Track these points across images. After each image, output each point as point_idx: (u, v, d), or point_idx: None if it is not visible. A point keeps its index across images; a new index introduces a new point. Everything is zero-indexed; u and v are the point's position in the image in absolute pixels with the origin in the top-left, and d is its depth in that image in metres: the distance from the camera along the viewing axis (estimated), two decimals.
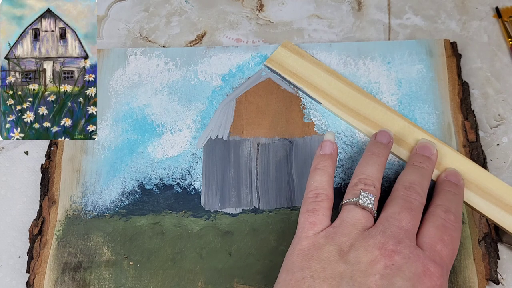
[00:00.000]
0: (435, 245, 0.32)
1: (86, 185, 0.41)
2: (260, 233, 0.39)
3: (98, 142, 0.42)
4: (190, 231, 0.39)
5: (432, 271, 0.31)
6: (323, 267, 0.31)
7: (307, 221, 0.34)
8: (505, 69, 0.46)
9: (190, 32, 0.48)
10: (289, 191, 0.40)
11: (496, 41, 0.47)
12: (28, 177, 0.42)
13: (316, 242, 0.32)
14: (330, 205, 0.35)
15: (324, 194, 0.35)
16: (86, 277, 0.38)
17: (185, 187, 0.41)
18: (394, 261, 0.30)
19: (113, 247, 0.39)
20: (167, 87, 0.45)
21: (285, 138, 0.42)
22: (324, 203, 0.34)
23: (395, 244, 0.31)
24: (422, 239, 0.33)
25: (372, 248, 0.31)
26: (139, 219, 0.40)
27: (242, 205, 0.40)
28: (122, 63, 0.45)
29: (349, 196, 0.35)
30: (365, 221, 0.33)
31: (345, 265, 0.31)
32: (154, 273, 0.38)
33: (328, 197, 0.35)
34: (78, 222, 0.39)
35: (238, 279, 0.38)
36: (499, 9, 0.48)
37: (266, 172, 0.41)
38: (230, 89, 0.44)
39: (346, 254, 0.31)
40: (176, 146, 0.42)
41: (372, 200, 0.34)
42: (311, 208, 0.34)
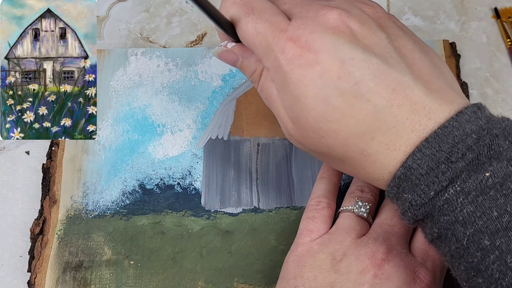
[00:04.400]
0: (427, 250, 0.32)
1: (87, 185, 0.41)
2: (260, 232, 0.39)
3: (99, 142, 0.43)
4: (191, 231, 0.39)
5: (422, 278, 0.31)
6: (315, 276, 0.31)
7: (306, 228, 0.34)
8: (504, 70, 0.46)
9: (190, 33, 0.49)
10: (289, 191, 0.41)
11: (495, 41, 0.47)
12: (29, 177, 0.42)
13: (310, 249, 0.33)
14: (330, 214, 0.35)
15: (326, 202, 0.35)
16: (87, 276, 0.38)
17: (185, 187, 0.41)
18: (383, 270, 0.31)
19: (114, 247, 0.39)
20: (168, 87, 0.45)
21: (285, 138, 0.42)
22: (325, 211, 0.35)
23: (385, 252, 0.31)
24: (414, 244, 0.33)
25: (363, 257, 0.31)
26: (139, 219, 0.40)
27: (242, 205, 0.40)
28: (122, 63, 0.46)
29: (345, 203, 0.35)
30: (360, 228, 0.33)
31: (336, 275, 0.31)
32: (155, 273, 0.38)
33: (330, 205, 0.35)
34: (79, 221, 0.40)
35: (238, 278, 0.38)
36: (498, 10, 0.48)
37: (266, 172, 0.41)
38: (230, 89, 0.45)
39: (338, 263, 0.31)
40: (177, 146, 0.42)
41: (368, 208, 0.34)
42: (311, 215, 0.34)
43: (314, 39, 0.27)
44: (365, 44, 0.27)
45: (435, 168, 0.25)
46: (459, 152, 0.25)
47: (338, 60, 0.26)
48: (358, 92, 0.26)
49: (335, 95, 0.26)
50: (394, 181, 0.27)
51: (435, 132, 0.26)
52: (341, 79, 0.26)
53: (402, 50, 0.28)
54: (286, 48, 0.27)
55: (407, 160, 0.26)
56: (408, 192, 0.26)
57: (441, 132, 0.25)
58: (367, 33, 0.27)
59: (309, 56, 0.26)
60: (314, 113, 0.27)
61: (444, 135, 0.25)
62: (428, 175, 0.25)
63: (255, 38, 0.28)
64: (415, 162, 0.26)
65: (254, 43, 0.28)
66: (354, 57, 0.26)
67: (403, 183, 0.26)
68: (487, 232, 0.24)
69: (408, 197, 0.26)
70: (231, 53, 0.31)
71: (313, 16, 0.28)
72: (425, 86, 0.27)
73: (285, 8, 0.29)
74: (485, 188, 0.24)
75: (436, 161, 0.25)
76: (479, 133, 0.25)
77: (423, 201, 0.26)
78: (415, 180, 0.26)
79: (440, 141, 0.25)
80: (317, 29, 0.27)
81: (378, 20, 0.29)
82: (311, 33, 0.27)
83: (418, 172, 0.26)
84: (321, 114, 0.27)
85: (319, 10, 0.28)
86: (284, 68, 0.27)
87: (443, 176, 0.25)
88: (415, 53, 0.28)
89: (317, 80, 0.26)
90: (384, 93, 0.26)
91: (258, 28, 0.28)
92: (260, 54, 0.29)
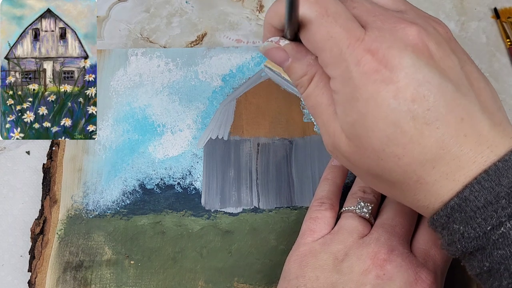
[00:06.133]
0: (428, 250, 0.32)
1: (88, 184, 0.41)
2: (260, 232, 0.39)
3: (99, 142, 0.43)
4: (191, 231, 0.39)
5: (423, 278, 0.31)
6: (317, 276, 0.31)
7: (308, 228, 0.34)
8: (504, 70, 0.46)
9: (190, 33, 0.49)
10: (289, 191, 0.41)
11: (495, 41, 0.47)
12: (30, 177, 0.42)
13: (312, 249, 0.33)
14: (333, 215, 0.35)
15: (329, 203, 0.35)
16: (87, 276, 0.38)
17: (185, 186, 0.41)
18: (385, 270, 0.31)
19: (114, 247, 0.39)
20: (168, 87, 0.45)
21: (285, 138, 0.42)
22: (327, 212, 0.35)
23: (387, 253, 0.31)
24: (416, 244, 0.33)
25: (365, 257, 0.31)
26: (140, 219, 0.40)
27: (242, 205, 0.40)
28: (123, 63, 0.46)
29: (348, 204, 0.35)
30: (362, 229, 0.33)
31: (338, 275, 0.31)
32: (155, 272, 0.38)
33: (333, 206, 0.35)
34: (80, 221, 0.40)
35: (238, 278, 0.38)
36: (497, 10, 0.48)
37: (266, 172, 0.41)
38: (230, 89, 0.45)
39: (340, 263, 0.31)
40: (177, 146, 0.42)
41: (370, 209, 0.34)
42: (314, 216, 0.35)
43: (393, 55, 0.25)
44: (441, 68, 0.25)
45: (494, 203, 0.24)
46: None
47: (415, 81, 0.24)
48: (429, 118, 0.25)
49: (407, 119, 0.25)
50: (446, 210, 0.26)
51: (495, 165, 0.25)
52: (415, 102, 0.24)
53: (470, 78, 0.27)
54: (362, 60, 0.25)
55: (463, 191, 0.25)
56: (459, 223, 0.25)
57: (502, 165, 0.25)
58: (443, 56, 0.26)
59: (386, 72, 0.25)
60: (380, 135, 0.25)
61: (505, 169, 0.25)
62: (486, 208, 0.25)
63: (326, 42, 0.26)
64: (472, 194, 0.25)
65: (324, 47, 0.26)
66: (431, 81, 0.25)
67: (455, 214, 0.25)
68: None
69: (460, 229, 0.25)
70: (281, 51, 0.29)
71: (390, 28, 0.26)
72: (490, 118, 0.26)
73: (356, 13, 0.27)
74: None
75: (495, 195, 0.24)
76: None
77: (477, 234, 0.25)
78: (470, 212, 0.25)
79: (500, 175, 0.25)
80: (396, 45, 0.25)
81: (449, 42, 0.28)
82: (389, 48, 0.25)
83: (474, 205, 0.25)
84: (387, 136, 0.25)
85: (396, 22, 0.26)
86: (356, 82, 0.25)
87: (503, 211, 0.24)
88: (481, 82, 0.27)
89: (390, 100, 0.25)
90: (453, 122, 0.25)
91: (331, 32, 0.26)
92: (327, 60, 0.26)
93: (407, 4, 0.29)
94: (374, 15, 0.27)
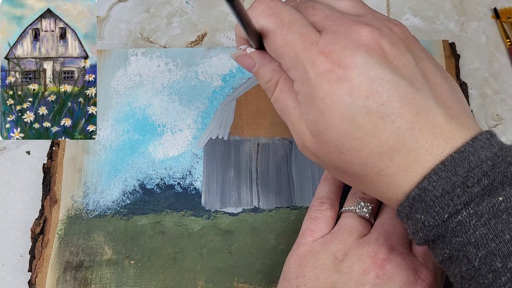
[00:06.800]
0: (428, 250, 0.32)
1: (88, 184, 0.41)
2: (260, 232, 0.39)
3: (99, 142, 0.43)
4: (191, 231, 0.39)
5: (423, 278, 0.31)
6: (316, 276, 0.31)
7: (308, 228, 0.34)
8: (503, 70, 0.46)
9: (190, 33, 0.49)
10: (289, 191, 0.41)
11: (495, 41, 0.47)
12: (30, 177, 0.42)
13: (312, 249, 0.33)
14: (333, 215, 0.35)
15: (329, 203, 0.35)
16: (87, 276, 0.38)
17: (185, 186, 0.41)
18: (385, 270, 0.31)
19: (114, 246, 0.39)
20: (168, 87, 0.45)
21: (285, 138, 0.43)
22: (328, 212, 0.35)
23: (387, 252, 0.31)
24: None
25: (365, 257, 0.31)
26: (140, 219, 0.40)
27: (242, 205, 0.40)
28: (123, 63, 0.46)
29: (348, 204, 0.35)
30: (362, 228, 0.33)
31: (338, 275, 0.31)
32: (155, 272, 0.38)
33: (333, 206, 0.35)
34: (80, 221, 0.40)
35: (238, 278, 0.38)
36: (497, 10, 0.48)
37: (266, 171, 0.41)
38: (231, 89, 0.45)
39: (340, 263, 0.32)
40: (177, 146, 0.42)
41: (370, 208, 0.34)
42: (314, 216, 0.35)
43: (346, 55, 0.26)
44: (394, 65, 0.27)
45: (450, 192, 0.26)
46: (475, 177, 0.25)
47: (368, 79, 0.26)
48: (384, 113, 0.26)
49: (362, 114, 0.26)
50: (408, 201, 0.27)
51: (451, 156, 0.26)
52: (369, 98, 0.26)
53: (426, 74, 0.28)
54: (317, 62, 0.27)
55: (422, 182, 0.26)
56: (421, 212, 0.27)
57: (458, 156, 0.26)
58: (396, 54, 0.27)
59: (340, 72, 0.26)
60: (338, 130, 0.27)
61: (460, 159, 0.26)
62: (443, 197, 0.26)
63: (283, 49, 0.28)
64: (430, 184, 0.26)
65: (282, 53, 0.28)
66: (384, 77, 0.26)
67: (416, 204, 0.27)
68: (499, 254, 0.24)
69: (421, 218, 0.27)
70: (248, 58, 0.31)
71: (344, 31, 0.27)
72: (446, 111, 0.27)
73: (314, 19, 0.29)
74: (497, 211, 0.25)
75: (451, 184, 0.26)
76: (494, 160, 0.26)
77: (436, 223, 0.26)
78: (429, 201, 0.26)
79: (456, 165, 0.26)
80: (349, 45, 0.27)
81: (405, 41, 0.29)
82: (343, 49, 0.27)
83: (432, 194, 0.26)
84: (345, 131, 0.27)
85: (350, 25, 0.28)
86: (313, 82, 0.27)
87: (458, 199, 0.25)
88: (437, 78, 0.29)
89: (345, 97, 0.26)
90: (408, 115, 0.26)
91: (287, 39, 0.28)
92: (287, 65, 0.28)
93: (366, 8, 0.30)
94: (331, 20, 0.28)
